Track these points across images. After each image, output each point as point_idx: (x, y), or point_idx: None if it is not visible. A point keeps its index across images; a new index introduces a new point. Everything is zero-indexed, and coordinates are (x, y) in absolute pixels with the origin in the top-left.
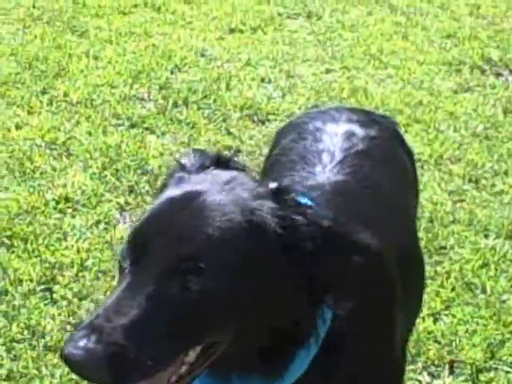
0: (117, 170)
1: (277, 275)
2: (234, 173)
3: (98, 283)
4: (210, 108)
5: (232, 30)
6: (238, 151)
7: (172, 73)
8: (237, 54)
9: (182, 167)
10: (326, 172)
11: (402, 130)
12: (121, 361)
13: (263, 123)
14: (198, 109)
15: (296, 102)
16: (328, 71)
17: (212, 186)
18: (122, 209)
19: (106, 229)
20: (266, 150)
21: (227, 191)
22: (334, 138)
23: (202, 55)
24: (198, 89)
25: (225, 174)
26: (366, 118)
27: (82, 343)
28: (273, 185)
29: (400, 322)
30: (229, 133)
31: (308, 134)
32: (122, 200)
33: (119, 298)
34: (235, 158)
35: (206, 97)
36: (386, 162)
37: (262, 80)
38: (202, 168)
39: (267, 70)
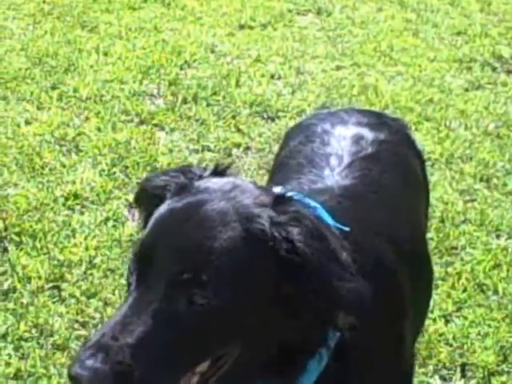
0: (126, 167)
1: (276, 286)
2: (235, 180)
3: (107, 281)
4: (220, 104)
5: (242, 26)
6: (248, 148)
7: (181, 69)
8: (246, 50)
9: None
10: (333, 176)
11: (413, 133)
12: (127, 380)
13: (273, 120)
14: (208, 105)
15: (306, 98)
16: (338, 68)
17: (214, 194)
18: (130, 206)
19: (114, 226)
20: (275, 147)
21: (229, 200)
22: (343, 142)
23: (212, 51)
24: (208, 85)
25: (226, 182)
26: (377, 120)
27: (88, 363)
28: (277, 191)
29: (410, 323)
30: (238, 130)
31: (316, 136)
32: (130, 197)
33: (125, 316)
34: (232, 167)
35: (215, 93)
36: (394, 166)
37: (272, 76)
38: (202, 176)
39: (277, 67)
